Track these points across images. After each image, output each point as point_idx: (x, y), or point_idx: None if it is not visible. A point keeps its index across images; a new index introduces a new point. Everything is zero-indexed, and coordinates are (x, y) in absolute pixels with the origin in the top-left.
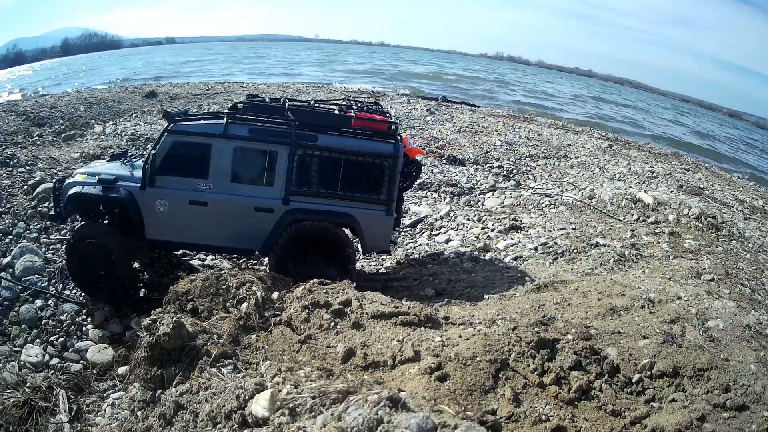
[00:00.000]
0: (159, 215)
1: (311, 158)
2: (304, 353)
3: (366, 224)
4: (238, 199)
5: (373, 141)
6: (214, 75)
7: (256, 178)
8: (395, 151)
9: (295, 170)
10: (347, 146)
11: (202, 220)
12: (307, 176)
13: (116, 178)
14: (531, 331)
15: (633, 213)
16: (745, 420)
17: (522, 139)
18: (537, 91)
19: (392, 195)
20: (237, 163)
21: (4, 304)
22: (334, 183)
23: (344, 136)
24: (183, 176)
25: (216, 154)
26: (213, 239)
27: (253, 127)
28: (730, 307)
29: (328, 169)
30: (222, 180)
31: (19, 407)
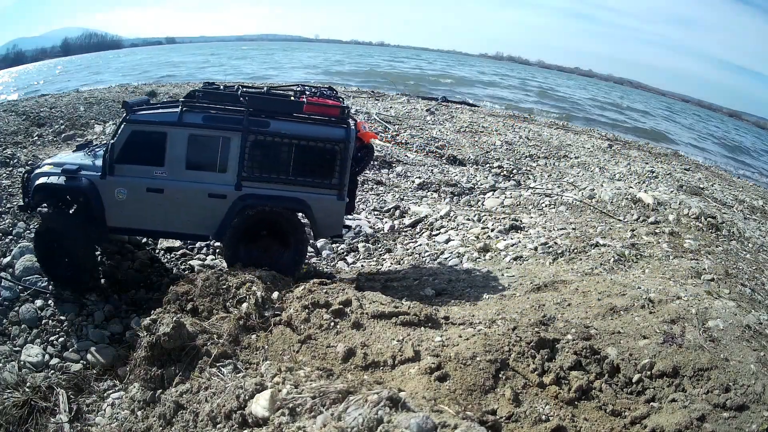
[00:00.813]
0: (119, 203)
1: (263, 144)
2: (304, 353)
3: (317, 209)
4: (192, 185)
5: (324, 126)
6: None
7: (210, 165)
8: (347, 135)
9: (248, 156)
10: (298, 132)
11: (159, 207)
12: (260, 162)
13: (79, 167)
14: (531, 331)
15: (633, 213)
16: (745, 420)
17: (522, 139)
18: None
19: (344, 180)
20: (191, 151)
21: (4, 304)
22: (286, 168)
23: (296, 122)
24: (140, 164)
25: (171, 142)
26: (170, 226)
27: (207, 115)
28: (730, 307)
29: (280, 155)
30: (177, 167)
31: (19, 407)
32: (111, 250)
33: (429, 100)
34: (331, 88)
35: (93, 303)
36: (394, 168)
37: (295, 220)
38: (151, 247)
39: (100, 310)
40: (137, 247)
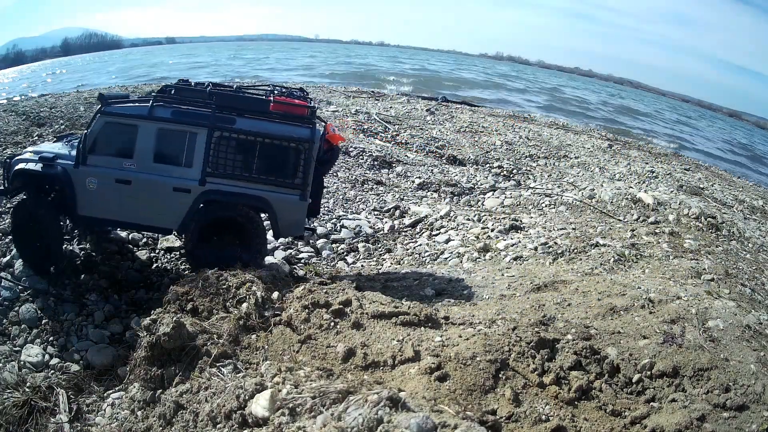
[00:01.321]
0: (89, 192)
1: (228, 141)
2: (304, 353)
3: (279, 208)
4: (158, 178)
5: (289, 125)
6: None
7: (177, 159)
8: (311, 136)
9: (213, 152)
10: (263, 130)
11: (126, 198)
12: (224, 159)
13: (55, 156)
14: (531, 331)
15: (633, 213)
16: (745, 420)
17: (522, 139)
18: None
19: (307, 180)
20: (159, 144)
21: (4, 304)
22: (249, 166)
23: (262, 120)
24: (111, 156)
25: (141, 135)
26: (136, 217)
27: (176, 110)
28: (730, 307)
29: (245, 152)
30: (145, 160)
31: (19, 407)
32: (111, 250)
33: (429, 100)
34: (302, 89)
35: (93, 303)
36: (394, 168)
37: (255, 218)
38: (152, 247)
39: (100, 310)
40: (137, 247)
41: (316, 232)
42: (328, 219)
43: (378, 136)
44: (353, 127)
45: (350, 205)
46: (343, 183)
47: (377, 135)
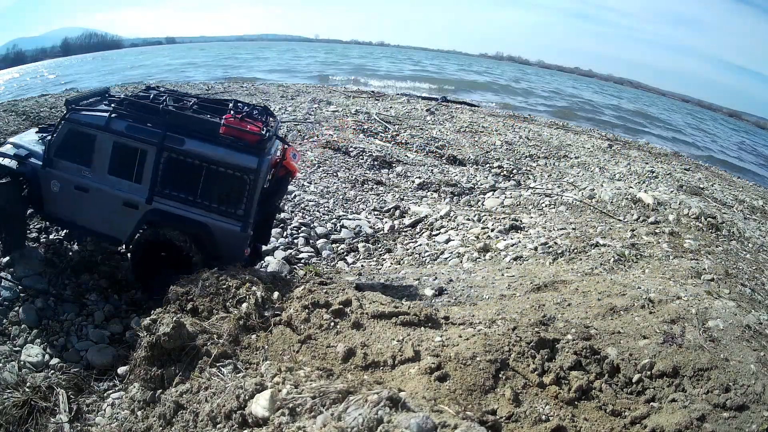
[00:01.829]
0: (53, 194)
1: (175, 162)
2: (304, 353)
3: (220, 236)
4: (111, 190)
5: (237, 152)
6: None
7: (128, 174)
8: (258, 165)
9: (161, 172)
10: (209, 154)
11: (84, 205)
12: (171, 179)
13: (29, 153)
14: (531, 331)
15: (633, 213)
16: (745, 420)
17: (522, 139)
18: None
19: (250, 211)
20: (114, 157)
21: (4, 304)
22: (194, 190)
23: (210, 144)
24: (73, 162)
25: (98, 145)
26: (93, 224)
27: (130, 124)
28: (730, 307)
29: (191, 175)
30: (101, 170)
31: (19, 407)
32: (111, 250)
33: (429, 100)
34: (267, 108)
35: (93, 303)
36: (394, 168)
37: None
38: None
39: (100, 310)
40: None
41: (316, 231)
42: (328, 219)
43: (378, 136)
44: (353, 127)
45: (350, 205)
46: (343, 183)
47: (377, 135)
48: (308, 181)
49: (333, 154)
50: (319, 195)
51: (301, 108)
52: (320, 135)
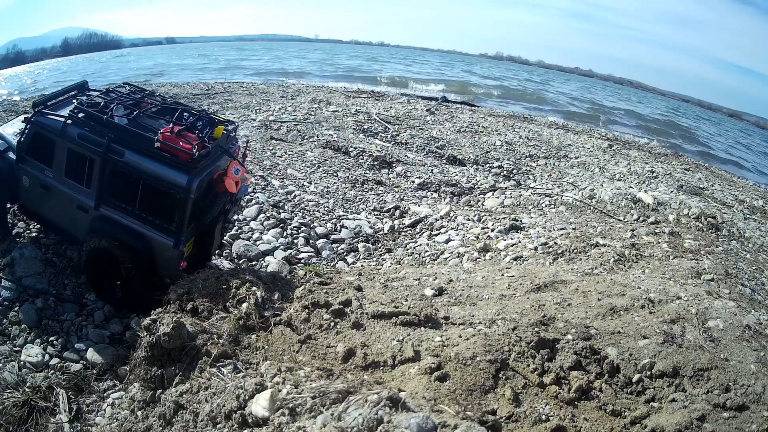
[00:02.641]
0: (25, 188)
1: (117, 172)
2: (304, 353)
3: (156, 250)
4: (67, 192)
5: (169, 168)
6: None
7: (80, 179)
8: (188, 184)
9: (106, 180)
10: (144, 168)
11: (48, 202)
12: (114, 189)
13: (8, 147)
14: (531, 331)
15: (633, 213)
16: (745, 420)
17: (522, 139)
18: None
19: (182, 228)
20: (68, 161)
21: (4, 304)
22: (134, 201)
23: (148, 157)
24: (38, 161)
25: (56, 148)
26: (57, 221)
27: (81, 132)
28: (730, 307)
29: (130, 186)
30: (59, 173)
31: (19, 407)
32: None
33: (429, 100)
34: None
35: (93, 303)
36: (394, 168)
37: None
38: None
39: (100, 310)
40: None
41: (316, 231)
42: (328, 219)
43: (378, 136)
44: (353, 127)
45: (350, 205)
46: (343, 183)
47: (377, 135)
48: (308, 181)
49: (333, 154)
50: (319, 195)
51: (301, 108)
52: (320, 135)
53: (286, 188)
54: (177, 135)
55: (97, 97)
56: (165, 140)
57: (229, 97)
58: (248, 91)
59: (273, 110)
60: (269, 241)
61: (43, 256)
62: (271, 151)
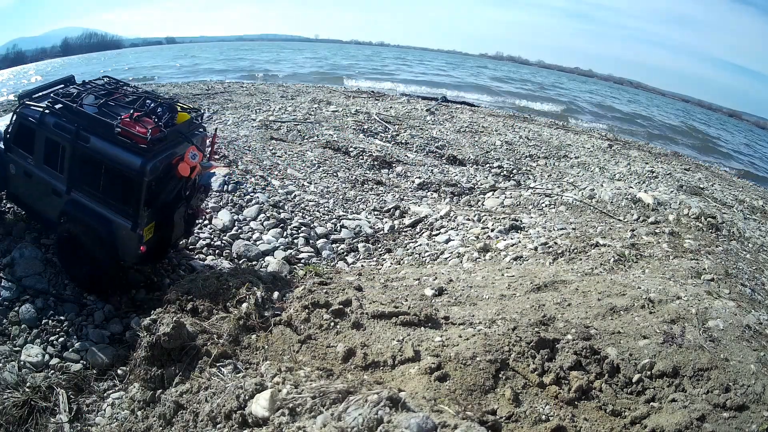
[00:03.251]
0: (12, 176)
1: (84, 158)
2: (304, 353)
3: (117, 233)
4: (44, 178)
5: (127, 152)
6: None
7: (55, 165)
8: (142, 166)
9: (75, 166)
10: (105, 152)
11: (30, 188)
12: (81, 174)
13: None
14: (531, 331)
15: (633, 213)
16: (745, 420)
17: (522, 139)
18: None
19: (138, 211)
20: (46, 148)
21: (4, 304)
22: (97, 185)
23: (109, 142)
24: (22, 150)
25: (36, 137)
26: (38, 207)
27: (57, 121)
28: (730, 307)
29: (95, 171)
30: (39, 160)
31: (19, 407)
32: None
33: (429, 100)
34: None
35: (93, 303)
36: (394, 168)
37: (94, 238)
38: None
39: (100, 310)
40: None
41: (316, 231)
42: (328, 219)
43: (378, 136)
44: (353, 127)
45: (350, 205)
46: (343, 183)
47: (377, 135)
48: (308, 181)
49: (333, 154)
50: (319, 195)
51: (301, 108)
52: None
53: (286, 188)
54: (135, 120)
55: (73, 88)
56: (124, 126)
57: (229, 97)
58: (248, 91)
59: (273, 110)
60: (269, 241)
61: (43, 256)
62: (271, 151)
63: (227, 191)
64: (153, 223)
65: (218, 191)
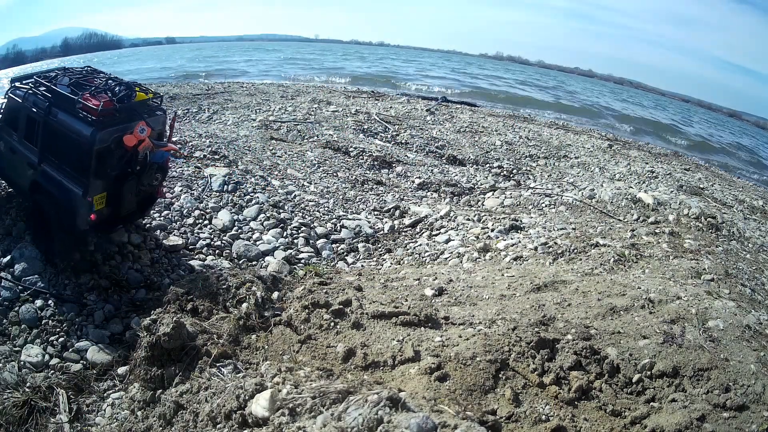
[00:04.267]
0: (1, 153)
1: (51, 131)
2: (304, 353)
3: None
4: (24, 153)
5: (83, 123)
6: None
7: (32, 139)
8: (91, 135)
9: (46, 139)
10: (66, 124)
11: (14, 164)
12: (48, 146)
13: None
14: (531, 331)
15: (633, 213)
16: (745, 420)
17: (522, 139)
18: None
19: (88, 177)
20: (27, 125)
21: (4, 304)
22: (60, 155)
23: (70, 115)
24: (10, 128)
25: (20, 115)
26: (19, 181)
27: (36, 99)
28: (730, 307)
29: (59, 143)
30: (21, 136)
31: (19, 407)
32: (111, 250)
33: (429, 100)
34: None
35: (93, 303)
36: (394, 168)
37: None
38: (152, 247)
39: (100, 310)
40: (137, 247)
41: (316, 231)
42: (328, 219)
43: (378, 136)
44: (353, 127)
45: (350, 205)
46: (343, 183)
47: (377, 135)
48: (308, 181)
49: (333, 154)
50: (319, 195)
51: (301, 108)
52: (320, 135)
53: (286, 188)
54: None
55: (54, 72)
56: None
57: (229, 97)
58: (248, 91)
59: (273, 110)
60: (269, 241)
61: (43, 256)
62: (271, 151)
63: (227, 191)
64: (104, 194)
65: (218, 191)
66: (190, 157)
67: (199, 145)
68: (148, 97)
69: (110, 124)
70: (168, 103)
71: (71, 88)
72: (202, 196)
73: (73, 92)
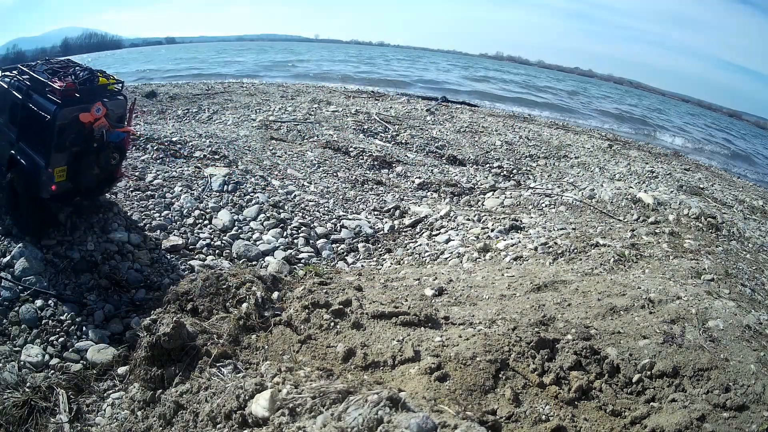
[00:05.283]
0: None
1: (25, 111)
2: (304, 353)
3: (37, 171)
4: (7, 133)
5: (48, 102)
6: None
7: (14, 120)
8: (54, 111)
9: (23, 118)
10: (36, 103)
11: (2, 144)
12: (25, 124)
13: None
14: (531, 331)
15: (633, 213)
16: (745, 420)
17: (522, 139)
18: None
19: (50, 149)
20: (11, 108)
21: (4, 304)
22: (31, 132)
23: (42, 97)
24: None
25: (7, 99)
26: (2, 160)
27: (18, 84)
28: (730, 307)
29: (31, 121)
30: (6, 119)
31: (19, 407)
32: (111, 250)
33: (429, 100)
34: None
35: (93, 303)
36: (394, 168)
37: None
38: (152, 247)
39: (100, 310)
40: (137, 247)
41: (316, 231)
42: (328, 219)
43: (378, 136)
44: (353, 127)
45: (350, 205)
46: (343, 183)
47: (377, 135)
48: (308, 181)
49: (333, 154)
50: (319, 195)
51: (301, 108)
52: (320, 135)
53: (286, 188)
54: (59, 80)
55: (37, 62)
56: (51, 83)
57: (229, 97)
58: (248, 91)
59: (273, 110)
60: (269, 241)
61: (43, 256)
62: (271, 151)
63: (227, 191)
64: (65, 168)
65: (218, 191)
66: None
67: (199, 145)
68: (109, 82)
69: (72, 103)
70: (168, 103)
71: (47, 74)
72: (202, 196)
73: (48, 78)
